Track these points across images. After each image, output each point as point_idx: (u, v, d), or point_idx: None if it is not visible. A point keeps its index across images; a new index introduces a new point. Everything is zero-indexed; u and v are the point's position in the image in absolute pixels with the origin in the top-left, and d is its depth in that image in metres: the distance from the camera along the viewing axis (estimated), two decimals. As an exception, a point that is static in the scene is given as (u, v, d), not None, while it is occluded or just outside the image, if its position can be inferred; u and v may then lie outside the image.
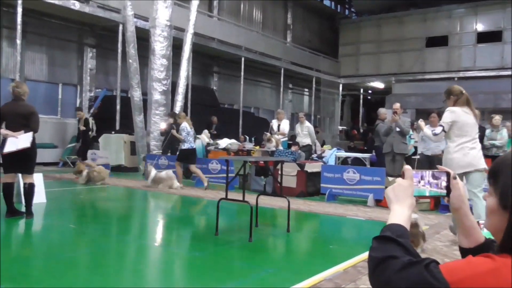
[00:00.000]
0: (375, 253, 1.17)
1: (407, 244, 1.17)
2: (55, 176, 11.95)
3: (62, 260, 4.48)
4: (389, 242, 1.17)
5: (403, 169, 1.39)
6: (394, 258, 1.12)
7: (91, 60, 17.27)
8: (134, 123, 14.49)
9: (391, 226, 1.24)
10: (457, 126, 5.16)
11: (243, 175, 5.96)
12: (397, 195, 1.32)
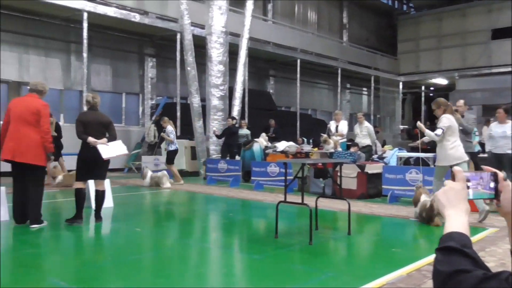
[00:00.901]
0: (442, 267, 1.09)
1: (475, 255, 1.09)
2: (121, 181, 12.47)
3: (128, 262, 4.66)
4: (455, 254, 1.10)
5: (453, 171, 1.29)
6: (466, 272, 1.04)
7: (151, 69, 17.90)
8: (194, 128, 14.84)
9: (452, 234, 1.16)
10: (451, 129, 6.73)
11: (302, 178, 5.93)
12: (450, 200, 1.23)
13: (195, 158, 14.77)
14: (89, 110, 6.58)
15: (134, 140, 17.11)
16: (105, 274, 4.35)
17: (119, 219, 7.25)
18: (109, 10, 14.74)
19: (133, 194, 10.58)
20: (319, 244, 5.44)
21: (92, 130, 6.38)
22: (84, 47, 14.07)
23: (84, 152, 6.37)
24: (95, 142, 6.29)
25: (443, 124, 6.67)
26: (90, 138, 6.29)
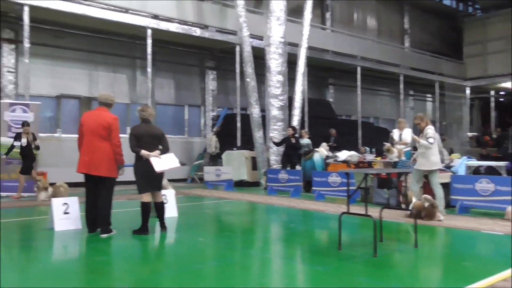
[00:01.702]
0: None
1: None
2: (184, 191, 12.78)
3: (192, 271, 4.76)
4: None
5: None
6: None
7: (212, 82, 18.31)
8: (254, 139, 14.97)
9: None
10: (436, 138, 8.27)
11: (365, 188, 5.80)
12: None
13: (256, 168, 14.87)
14: (142, 123, 6.70)
15: (196, 151, 17.54)
16: (170, 283, 4.46)
17: (183, 228, 7.42)
18: (171, 26, 15.29)
19: (196, 204, 10.82)
20: (384, 257, 5.28)
21: (145, 142, 6.50)
22: (148, 62, 14.67)
23: (141, 165, 6.50)
24: (148, 155, 6.43)
25: (433, 134, 8.04)
26: (143, 151, 6.43)
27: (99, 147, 6.32)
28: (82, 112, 15.31)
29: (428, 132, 8.03)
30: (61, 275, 4.68)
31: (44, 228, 7.06)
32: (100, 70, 15.70)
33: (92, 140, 6.35)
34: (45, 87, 14.38)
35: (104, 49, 15.56)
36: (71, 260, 5.69)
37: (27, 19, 12.39)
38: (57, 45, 14.57)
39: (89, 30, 14.93)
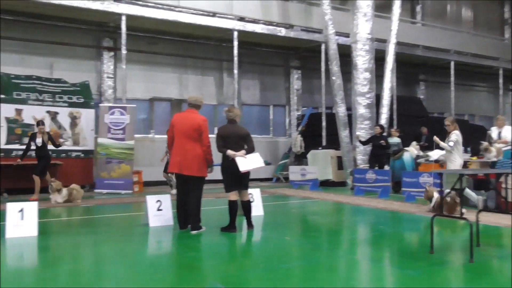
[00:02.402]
0: None
1: None
2: (270, 191, 12.93)
3: (279, 270, 4.81)
4: None
5: None
6: None
7: (297, 81, 18.34)
8: (340, 138, 14.76)
9: None
10: (459, 143, 8.85)
11: (460, 190, 5.48)
12: None
13: (342, 168, 14.66)
14: (229, 123, 6.87)
15: (282, 150, 17.65)
16: (258, 281, 4.54)
17: (269, 227, 7.52)
18: (257, 27, 15.55)
19: (281, 203, 10.90)
20: (482, 263, 4.96)
21: (231, 143, 6.65)
22: (234, 64, 15.05)
23: (227, 164, 6.66)
24: (234, 154, 6.57)
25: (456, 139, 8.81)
26: (229, 151, 6.58)
27: (190, 148, 6.60)
28: (173, 113, 16.10)
29: (451, 136, 8.83)
30: (155, 269, 4.96)
31: (140, 224, 7.52)
32: (190, 74, 16.38)
33: (183, 141, 6.64)
34: (140, 91, 15.30)
35: (193, 53, 16.22)
36: (164, 254, 6.01)
37: (124, 27, 13.27)
38: (151, 51, 15.44)
39: (180, 35, 15.64)
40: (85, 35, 14.56)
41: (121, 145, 12.78)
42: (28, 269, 5.26)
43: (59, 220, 8.44)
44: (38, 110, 12.42)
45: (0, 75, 12.28)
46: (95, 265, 5.39)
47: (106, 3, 13.21)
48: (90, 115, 13.16)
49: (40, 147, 10.68)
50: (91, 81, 13.93)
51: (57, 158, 12.45)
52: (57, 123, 12.72)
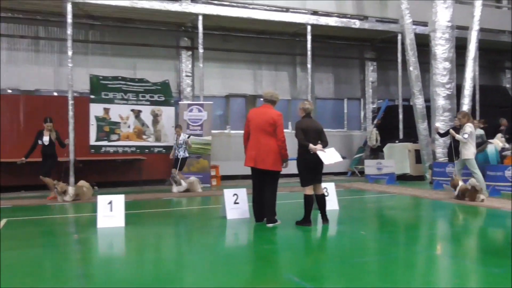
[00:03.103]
0: None
1: None
2: (344, 185, 12.76)
3: (354, 264, 4.76)
4: None
5: None
6: None
7: (372, 73, 17.87)
8: (418, 131, 14.22)
9: None
10: (473, 134, 9.61)
11: None
12: None
13: (420, 161, 14.11)
14: (306, 117, 6.87)
15: (356, 144, 17.33)
16: (333, 274, 4.53)
17: (344, 221, 7.45)
18: (330, 20, 15.35)
19: (357, 197, 10.73)
20: None
21: (310, 136, 6.67)
22: (308, 58, 14.97)
23: (305, 158, 6.69)
24: (315, 148, 6.59)
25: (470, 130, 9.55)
26: (311, 145, 6.59)
27: (265, 143, 6.70)
28: (248, 109, 16.35)
29: (465, 128, 9.59)
30: (233, 260, 5.11)
31: (218, 216, 7.76)
32: (263, 69, 16.53)
33: (259, 136, 6.75)
34: (216, 88, 15.71)
35: (266, 49, 16.35)
36: (241, 246, 6.16)
37: (201, 27, 13.68)
38: (226, 49, 15.78)
39: (253, 32, 15.83)
40: (165, 36, 15.19)
41: (199, 140, 13.21)
42: (118, 256, 5.64)
43: (143, 212, 8.93)
44: (123, 108, 13.17)
45: (91, 77, 13.16)
46: (176, 254, 5.65)
47: (184, 4, 13.69)
48: (170, 112, 13.73)
49: (47, 146, 10.20)
50: (170, 80, 14.52)
51: (140, 153, 13.15)
52: (140, 121, 13.41)
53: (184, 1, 13.85)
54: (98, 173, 12.65)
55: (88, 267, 4.84)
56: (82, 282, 4.22)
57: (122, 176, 13.14)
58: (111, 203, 6.98)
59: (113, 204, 6.98)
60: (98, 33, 14.23)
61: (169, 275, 4.58)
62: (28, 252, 5.42)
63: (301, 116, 6.90)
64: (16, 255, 5.31)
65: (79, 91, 13.70)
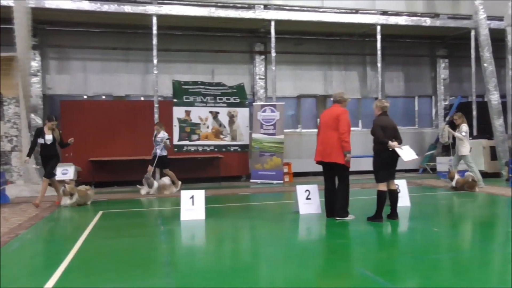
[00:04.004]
0: None
1: None
2: (416, 182, 12.25)
3: (427, 261, 4.56)
4: None
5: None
6: None
7: (443, 70, 16.99)
8: (493, 127, 13.33)
9: None
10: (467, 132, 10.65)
11: None
12: None
13: (495, 158, 13.19)
14: (382, 115, 6.72)
15: (428, 141, 16.56)
16: (405, 270, 4.38)
17: (415, 218, 7.16)
18: (400, 20, 14.80)
19: (429, 194, 10.26)
20: None
21: (388, 134, 6.52)
22: (378, 58, 14.55)
23: (385, 155, 6.53)
24: (394, 145, 6.43)
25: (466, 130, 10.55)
26: (390, 142, 6.44)
27: (330, 137, 6.70)
28: (319, 109, 16.20)
29: (462, 128, 10.53)
30: (306, 253, 5.09)
31: (291, 211, 7.78)
32: (333, 70, 16.29)
33: (326, 132, 6.78)
34: (288, 89, 15.71)
35: (336, 50, 16.09)
36: (313, 240, 6.13)
37: (273, 32, 13.76)
38: (297, 52, 15.73)
39: (323, 34, 15.65)
40: (240, 42, 15.45)
41: (272, 139, 13.29)
42: (199, 246, 5.84)
43: (221, 206, 9.15)
44: (202, 111, 13.56)
45: (173, 82, 13.71)
46: (253, 246, 5.74)
47: (258, 12, 13.84)
48: (245, 113, 13.94)
49: (49, 145, 8.90)
50: (245, 83, 14.73)
51: (218, 152, 13.48)
52: (218, 122, 13.75)
53: (258, 8, 14.00)
54: (180, 170, 13.15)
55: (173, 256, 5.06)
56: (168, 270, 4.42)
57: (202, 173, 13.56)
58: (193, 197, 7.23)
59: (195, 199, 7.23)
60: (179, 42, 14.78)
61: (245, 265, 4.67)
62: (120, 241, 5.77)
63: (377, 114, 6.77)
64: (110, 243, 5.68)
65: (163, 95, 14.32)
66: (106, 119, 13.02)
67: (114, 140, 12.93)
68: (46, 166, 9.02)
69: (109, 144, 12.86)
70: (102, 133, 12.91)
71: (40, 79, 13.65)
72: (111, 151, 12.84)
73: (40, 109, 13.60)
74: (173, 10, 13.10)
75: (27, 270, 4.59)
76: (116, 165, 12.74)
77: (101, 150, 12.70)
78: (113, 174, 12.81)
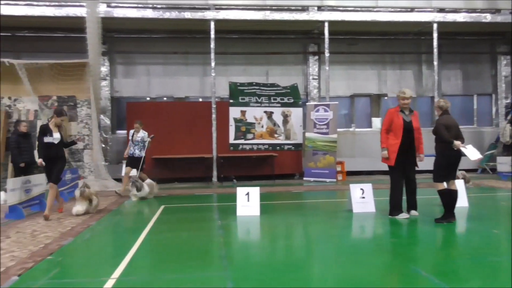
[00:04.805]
0: None
1: None
2: (474, 182, 11.64)
3: (486, 263, 4.32)
4: None
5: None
6: None
7: (505, 68, 16.00)
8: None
9: None
10: None
11: None
12: None
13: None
14: (445, 114, 6.44)
15: (487, 141, 15.68)
16: (464, 271, 4.16)
17: (474, 219, 6.80)
18: (458, 17, 14.13)
19: (488, 195, 9.71)
20: None
21: (452, 133, 6.27)
22: (434, 56, 13.98)
23: (449, 154, 6.26)
24: (459, 145, 6.19)
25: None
26: (456, 141, 6.19)
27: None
28: (373, 108, 15.81)
29: None
30: (359, 251, 4.99)
31: (344, 210, 7.65)
32: (388, 69, 15.83)
33: None
34: (341, 89, 15.45)
35: (391, 49, 15.62)
36: (367, 239, 5.98)
37: (327, 33, 13.58)
38: (351, 51, 15.43)
39: (378, 34, 15.24)
40: (294, 44, 15.38)
41: (326, 138, 13.13)
42: (254, 241, 5.88)
43: (275, 203, 9.17)
44: (257, 110, 13.64)
45: (230, 84, 13.91)
46: (306, 243, 5.70)
47: (311, 13, 13.73)
48: (298, 113, 13.87)
49: (57, 145, 7.34)
50: (298, 83, 14.65)
51: (272, 150, 13.51)
52: (272, 121, 13.78)
53: (311, 10, 13.88)
54: (236, 168, 13.33)
55: (229, 249, 5.14)
56: (225, 263, 4.49)
57: (256, 171, 13.65)
58: (248, 194, 7.30)
59: (250, 195, 7.29)
60: (236, 45, 14.96)
61: (299, 261, 4.65)
62: (180, 234, 5.94)
63: (438, 114, 6.52)
64: (171, 236, 5.86)
65: (220, 96, 14.56)
66: (167, 119, 13.43)
67: (174, 139, 13.32)
68: (52, 169, 7.32)
69: (170, 142, 13.26)
70: (163, 133, 13.32)
71: (108, 83, 14.35)
72: (172, 149, 13.24)
73: (108, 110, 14.32)
74: (230, 15, 13.29)
75: (97, 258, 4.85)
76: (176, 162, 13.12)
77: (163, 149, 13.12)
78: (174, 171, 13.20)
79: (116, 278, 3.95)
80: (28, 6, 12.59)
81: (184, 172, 13.26)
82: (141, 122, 10.38)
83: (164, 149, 13.12)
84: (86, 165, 12.49)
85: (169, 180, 13.18)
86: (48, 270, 4.26)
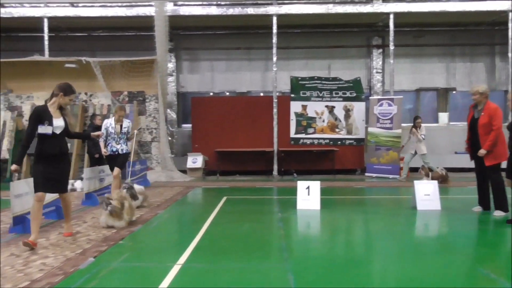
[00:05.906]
0: None
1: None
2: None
3: None
4: None
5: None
6: None
7: None
8: None
9: None
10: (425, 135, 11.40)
11: None
12: None
13: None
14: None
15: None
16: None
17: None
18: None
19: None
20: None
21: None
22: (509, 47, 13.04)
23: None
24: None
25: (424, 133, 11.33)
26: None
27: None
28: (440, 102, 15.09)
29: (422, 129, 11.26)
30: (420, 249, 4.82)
31: (407, 207, 7.40)
32: (457, 62, 15.02)
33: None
34: (406, 83, 14.89)
35: (461, 40, 14.80)
36: (431, 237, 5.76)
37: (392, 25, 13.13)
38: (417, 44, 14.81)
39: (447, 25, 14.49)
40: (357, 37, 15.03)
41: (389, 133, 12.74)
42: (314, 235, 5.87)
43: (336, 198, 9.06)
44: (319, 105, 13.53)
45: (291, 78, 13.89)
46: (366, 239, 5.60)
47: (376, 5, 13.32)
48: (361, 107, 13.57)
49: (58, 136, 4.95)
50: (361, 77, 14.32)
51: (333, 145, 13.35)
52: (333, 116, 13.60)
53: (376, 2, 13.47)
54: (296, 162, 13.32)
55: (289, 242, 5.17)
56: (285, 255, 4.54)
57: (317, 165, 13.55)
58: (309, 188, 7.29)
59: (310, 189, 7.27)
60: (297, 40, 14.89)
61: (359, 257, 4.58)
62: (242, 225, 6.07)
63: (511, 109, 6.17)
64: (233, 226, 6.00)
65: (282, 91, 14.60)
66: (230, 113, 13.69)
67: (236, 133, 13.56)
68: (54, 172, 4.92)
69: (232, 136, 13.52)
70: (226, 126, 13.61)
71: (174, 79, 14.89)
72: (234, 143, 13.49)
73: (174, 105, 14.87)
74: (293, 9, 13.25)
75: (164, 244, 5.09)
76: (238, 155, 13.35)
77: (225, 142, 13.41)
78: (236, 163, 13.45)
79: (181, 264, 4.13)
80: (103, 7, 13.35)
81: (246, 165, 13.47)
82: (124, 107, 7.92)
83: (227, 143, 13.40)
84: (154, 157, 13.06)
85: (231, 172, 13.45)
86: (120, 253, 4.55)
